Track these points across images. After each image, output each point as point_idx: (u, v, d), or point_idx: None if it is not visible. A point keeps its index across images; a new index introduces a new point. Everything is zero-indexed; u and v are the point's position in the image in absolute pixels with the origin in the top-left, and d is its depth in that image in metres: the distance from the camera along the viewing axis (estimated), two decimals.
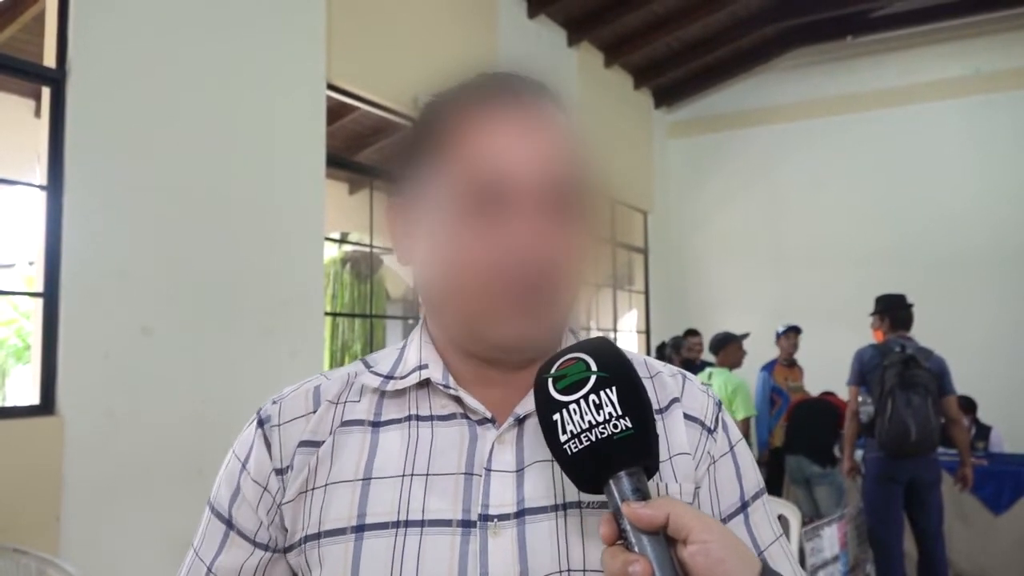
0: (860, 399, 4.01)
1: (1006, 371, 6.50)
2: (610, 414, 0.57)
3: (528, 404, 0.70)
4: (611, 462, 0.57)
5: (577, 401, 0.58)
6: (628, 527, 0.56)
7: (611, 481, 0.58)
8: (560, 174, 0.70)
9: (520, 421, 0.72)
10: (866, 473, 4.15)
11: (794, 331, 5.72)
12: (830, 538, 3.62)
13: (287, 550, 0.73)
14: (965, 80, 7.14)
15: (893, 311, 4.21)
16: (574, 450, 0.58)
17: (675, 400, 0.77)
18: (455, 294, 0.70)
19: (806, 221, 7.69)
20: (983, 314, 6.76)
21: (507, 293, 0.68)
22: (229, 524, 0.74)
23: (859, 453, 4.36)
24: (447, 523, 0.68)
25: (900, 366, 3.90)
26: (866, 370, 4.08)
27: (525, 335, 0.70)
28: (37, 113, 4.62)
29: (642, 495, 0.57)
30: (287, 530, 0.73)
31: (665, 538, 0.56)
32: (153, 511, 3.02)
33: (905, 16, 7.04)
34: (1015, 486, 4.64)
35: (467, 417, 0.73)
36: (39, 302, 2.87)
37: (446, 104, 0.74)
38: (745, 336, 5.53)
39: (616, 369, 0.60)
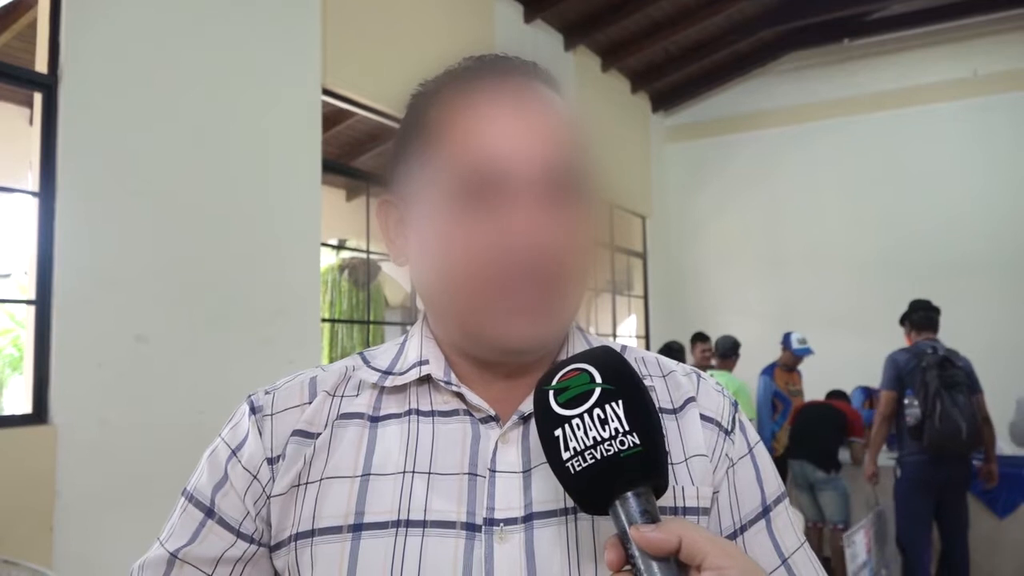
0: (906, 402, 4.00)
1: (1007, 373, 6.45)
2: (616, 430, 0.54)
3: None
4: (618, 482, 0.54)
5: (580, 416, 0.55)
6: (636, 552, 0.52)
7: (617, 502, 0.54)
8: (558, 158, 0.66)
9: (525, 419, 0.68)
10: (902, 476, 4.16)
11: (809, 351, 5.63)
12: (860, 544, 3.61)
13: (273, 549, 0.69)
14: (963, 82, 7.12)
15: (918, 313, 4.27)
16: (578, 468, 0.54)
17: (691, 399, 0.74)
18: (453, 292, 0.67)
19: (805, 224, 7.66)
20: (983, 316, 6.72)
21: (510, 288, 0.64)
22: (209, 512, 0.70)
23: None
24: (451, 525, 0.64)
25: (937, 368, 3.94)
26: (903, 373, 4.09)
27: (529, 335, 0.66)
28: (31, 122, 4.59)
29: (651, 517, 0.53)
30: (271, 526, 0.69)
31: (677, 564, 0.52)
32: (148, 521, 2.95)
33: (902, 18, 7.04)
34: (1020, 489, 4.61)
35: (469, 414, 0.70)
36: (31, 310, 2.83)
37: (433, 92, 0.71)
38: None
39: (622, 381, 0.56)
